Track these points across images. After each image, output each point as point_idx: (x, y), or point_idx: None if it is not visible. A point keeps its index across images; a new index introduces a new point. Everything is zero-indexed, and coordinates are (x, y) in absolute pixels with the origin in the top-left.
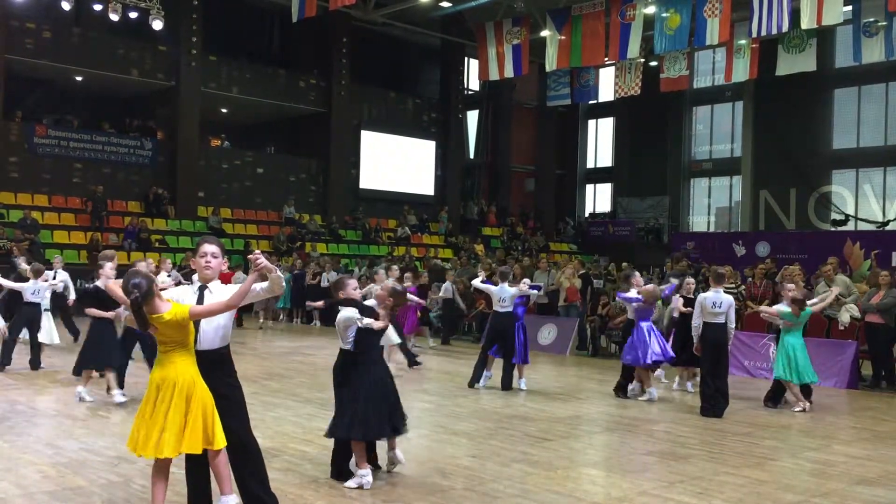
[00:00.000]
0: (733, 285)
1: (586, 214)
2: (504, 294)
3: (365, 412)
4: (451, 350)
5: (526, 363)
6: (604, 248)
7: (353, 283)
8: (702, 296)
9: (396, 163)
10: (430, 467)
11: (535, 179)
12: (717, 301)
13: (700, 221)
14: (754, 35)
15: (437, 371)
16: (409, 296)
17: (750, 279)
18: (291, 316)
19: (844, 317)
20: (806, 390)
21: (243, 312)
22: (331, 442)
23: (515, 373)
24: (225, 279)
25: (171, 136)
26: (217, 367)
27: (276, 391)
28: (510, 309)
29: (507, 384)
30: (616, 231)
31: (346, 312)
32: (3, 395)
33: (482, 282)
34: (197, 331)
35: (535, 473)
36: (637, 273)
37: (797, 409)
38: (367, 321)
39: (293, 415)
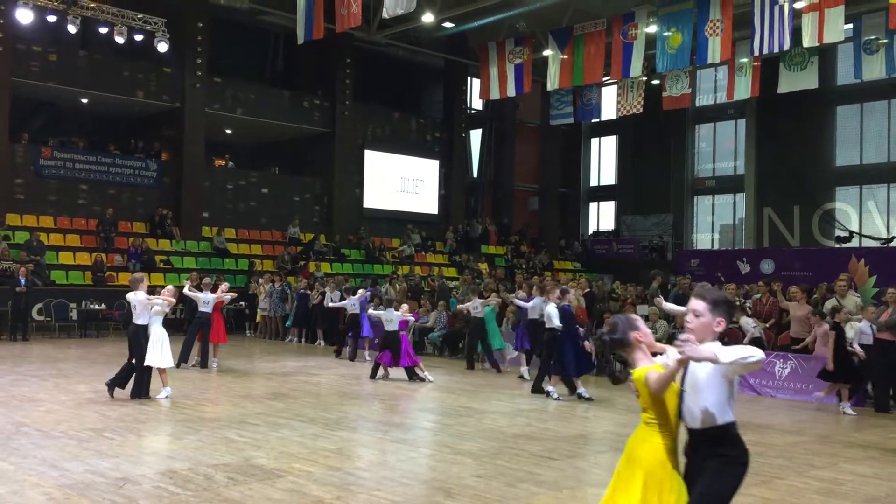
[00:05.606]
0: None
1: (590, 232)
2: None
3: None
4: (454, 368)
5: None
6: (608, 266)
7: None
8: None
9: (400, 182)
10: (435, 487)
11: (538, 198)
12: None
13: (704, 239)
14: (756, 53)
15: (442, 390)
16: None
17: (758, 296)
18: (301, 335)
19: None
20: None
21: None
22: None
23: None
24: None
25: (176, 156)
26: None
27: (280, 411)
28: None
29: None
30: (620, 249)
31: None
32: (9, 416)
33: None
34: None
35: (542, 493)
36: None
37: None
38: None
39: (298, 435)
